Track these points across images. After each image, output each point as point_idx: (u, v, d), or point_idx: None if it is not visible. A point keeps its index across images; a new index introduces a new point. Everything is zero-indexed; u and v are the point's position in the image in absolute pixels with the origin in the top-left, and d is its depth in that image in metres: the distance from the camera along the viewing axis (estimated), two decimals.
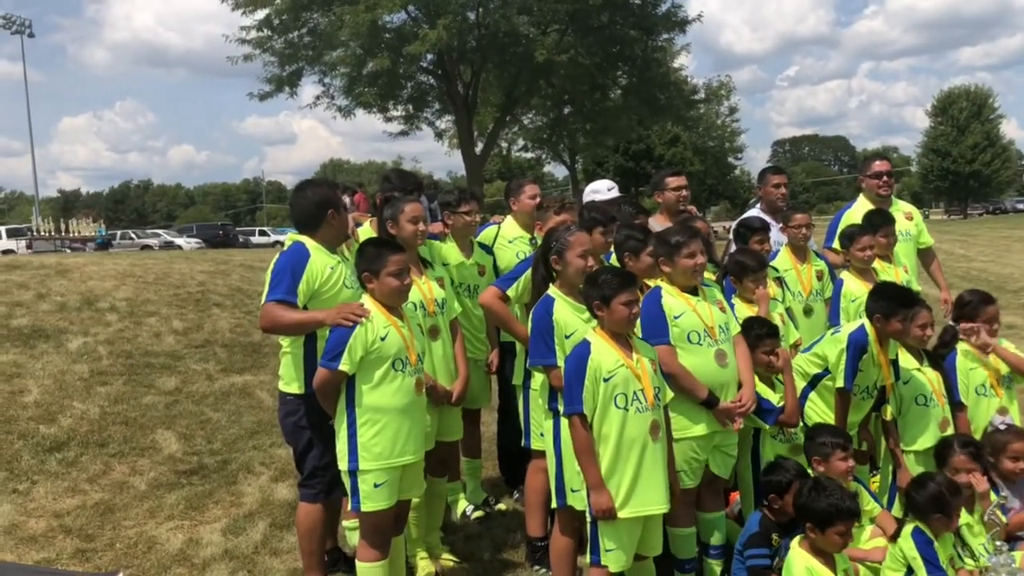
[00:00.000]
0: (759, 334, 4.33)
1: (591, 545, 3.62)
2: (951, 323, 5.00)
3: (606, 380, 3.56)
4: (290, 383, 4.17)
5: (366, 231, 4.93)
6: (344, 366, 3.67)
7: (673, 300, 4.04)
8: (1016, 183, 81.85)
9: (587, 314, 3.88)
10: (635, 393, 3.58)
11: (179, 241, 44.15)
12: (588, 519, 3.62)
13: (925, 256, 6.26)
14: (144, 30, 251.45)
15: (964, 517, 4.04)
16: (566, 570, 3.92)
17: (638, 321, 3.78)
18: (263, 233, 54.27)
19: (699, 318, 4.03)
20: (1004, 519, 3.99)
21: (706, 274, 4.33)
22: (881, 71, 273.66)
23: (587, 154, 49.20)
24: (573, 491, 3.71)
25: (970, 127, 67.04)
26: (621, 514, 3.54)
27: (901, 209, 6.09)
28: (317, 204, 4.17)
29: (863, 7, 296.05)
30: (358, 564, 3.86)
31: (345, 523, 4.78)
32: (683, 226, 4.25)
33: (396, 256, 3.87)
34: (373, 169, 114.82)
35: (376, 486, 3.73)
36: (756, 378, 4.25)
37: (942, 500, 3.83)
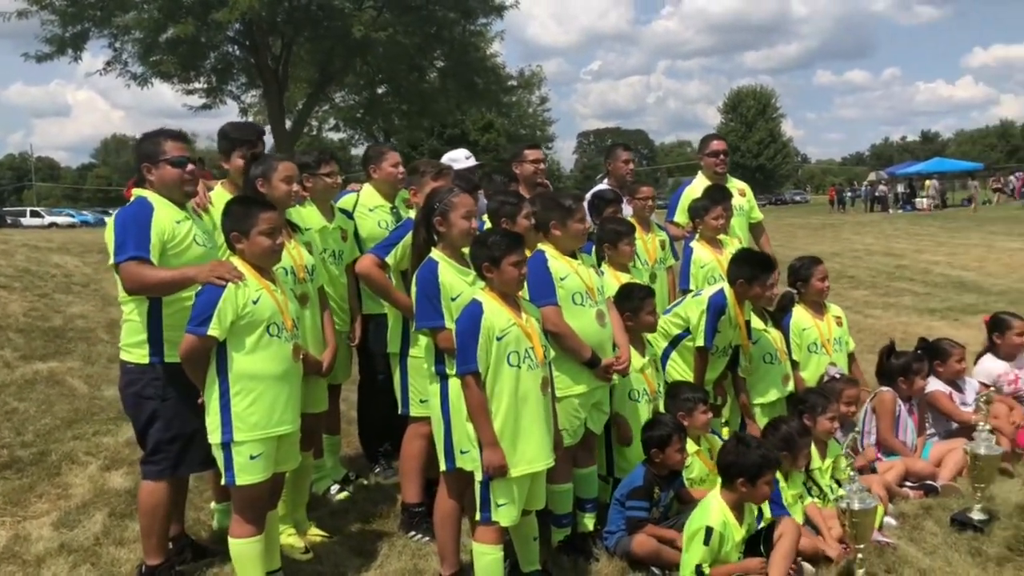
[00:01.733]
0: (641, 296, 4.51)
1: (481, 503, 3.61)
2: (788, 289, 5.44)
3: (499, 339, 3.55)
4: (131, 351, 3.87)
5: (220, 195, 4.60)
6: (214, 331, 3.43)
7: (558, 263, 4.11)
8: (793, 177, 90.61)
9: (471, 276, 3.86)
10: (526, 351, 3.59)
11: None
12: (478, 478, 3.60)
13: (756, 229, 6.75)
14: None
15: (816, 461, 4.44)
16: (450, 533, 3.89)
17: (524, 283, 3.79)
18: (36, 214, 48.72)
19: (581, 280, 4.12)
20: (853, 456, 4.42)
21: None
22: (677, 69, 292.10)
23: (402, 136, 48.69)
24: (462, 452, 3.68)
25: (756, 124, 73.58)
26: (514, 471, 3.55)
27: (735, 186, 6.52)
28: (137, 158, 3.98)
29: (660, 7, 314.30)
30: (231, 541, 3.63)
31: (214, 505, 4.47)
32: (571, 192, 4.34)
33: (267, 214, 3.66)
34: None
35: (252, 458, 3.53)
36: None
37: (791, 440, 4.23)
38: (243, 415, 3.50)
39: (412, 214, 4.44)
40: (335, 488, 5.22)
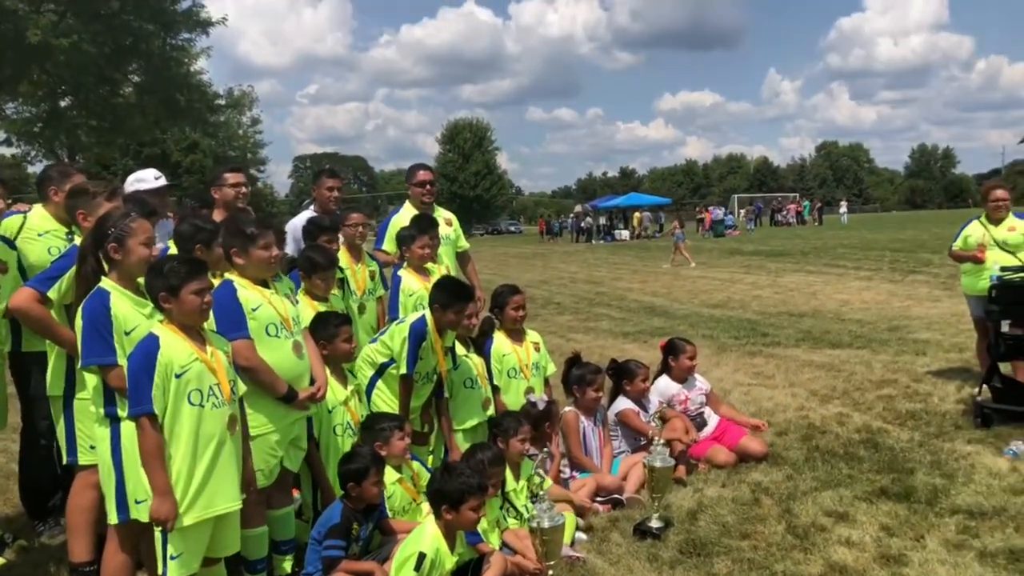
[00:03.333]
0: (336, 323, 4.40)
1: (162, 556, 3.27)
2: (488, 314, 5.62)
3: (178, 376, 3.25)
4: None
5: None
6: None
7: (248, 292, 3.86)
8: (508, 208, 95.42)
9: (149, 308, 3.52)
10: (211, 388, 3.33)
11: None
12: (157, 529, 3.26)
13: (462, 258, 6.91)
14: None
15: (510, 483, 4.57)
16: None
17: (210, 313, 3.52)
18: None
19: (275, 310, 3.91)
20: (544, 474, 4.62)
21: None
22: (396, 98, 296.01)
23: (91, 154, 44.21)
24: (137, 502, 3.31)
25: (473, 155, 76.65)
26: (189, 518, 3.26)
27: (442, 215, 6.62)
28: None
29: (379, 35, 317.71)
30: None
31: None
32: (257, 218, 4.10)
33: None
34: None
35: None
36: (327, 371, 4.29)
37: (482, 468, 4.22)
38: None
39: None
40: None
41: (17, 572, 4.38)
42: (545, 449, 4.74)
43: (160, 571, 3.28)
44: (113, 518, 3.39)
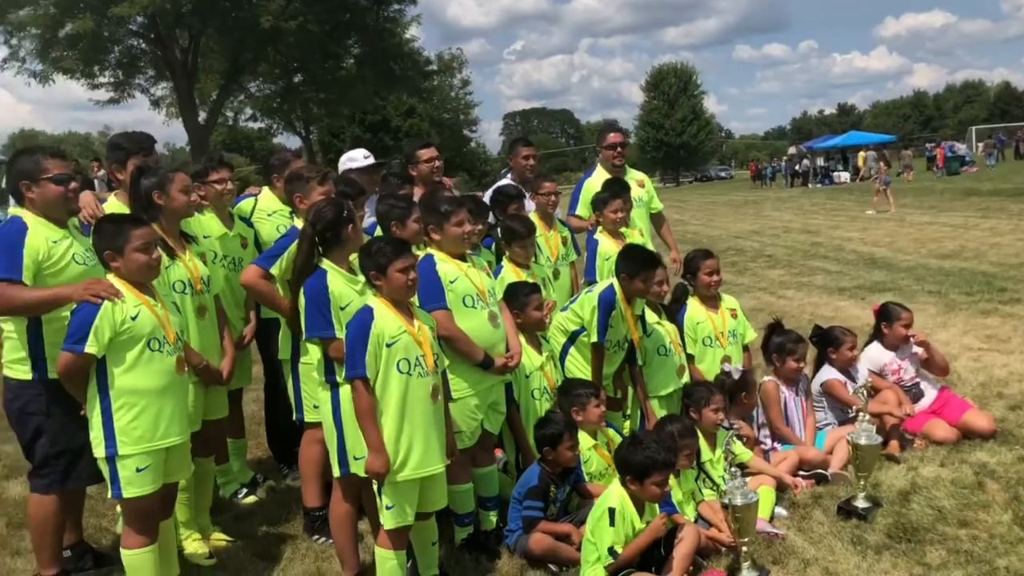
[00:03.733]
0: (526, 292, 4.57)
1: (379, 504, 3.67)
2: (682, 280, 5.57)
3: (388, 346, 3.57)
4: (12, 367, 3.84)
5: (113, 206, 4.50)
6: (91, 348, 3.38)
7: (446, 266, 4.13)
8: (717, 153, 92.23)
9: (360, 284, 3.87)
10: (417, 359, 3.62)
11: None
12: (370, 479, 3.64)
13: (656, 219, 6.88)
14: None
15: (706, 453, 4.57)
16: (347, 536, 3.92)
17: (416, 289, 3.81)
18: None
19: (471, 283, 4.15)
20: (736, 450, 4.55)
21: None
22: (599, 47, 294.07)
23: (322, 124, 47.94)
24: (356, 459, 3.69)
25: (679, 101, 74.33)
26: (402, 475, 3.59)
27: (634, 177, 6.62)
28: (14, 177, 3.88)
29: None
30: (123, 552, 3.60)
31: (119, 510, 4.40)
32: (450, 195, 4.34)
33: (140, 230, 3.61)
34: (75, 140, 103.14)
35: (139, 470, 3.50)
36: (522, 338, 4.50)
37: (672, 441, 4.22)
38: (126, 429, 3.45)
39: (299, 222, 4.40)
40: (242, 492, 5.20)
41: (265, 510, 5.00)
42: (734, 424, 4.66)
43: (380, 519, 3.66)
44: (336, 472, 3.81)
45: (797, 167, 47.18)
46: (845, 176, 44.29)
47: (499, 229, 5.09)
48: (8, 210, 3.89)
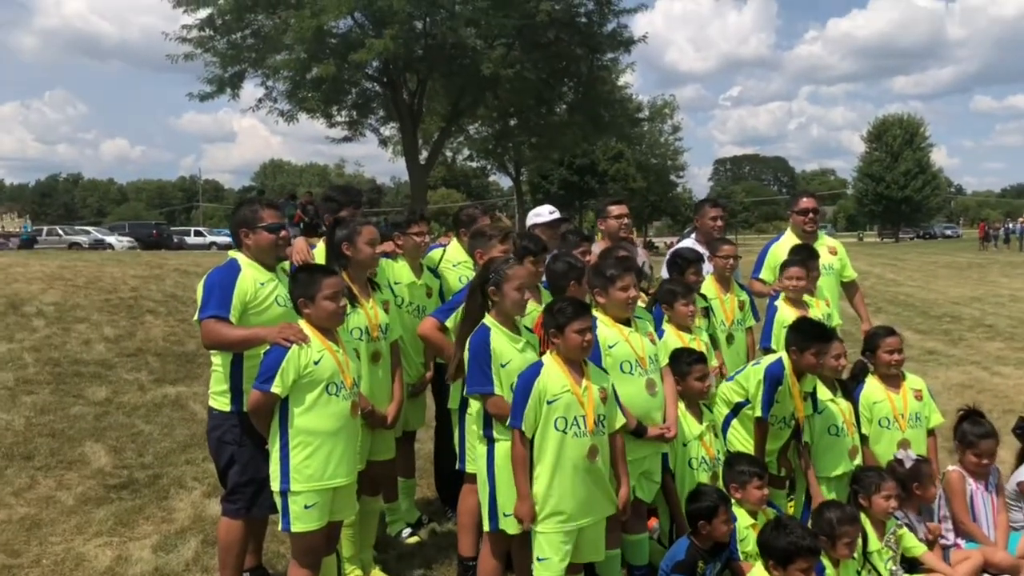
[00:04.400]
0: (689, 361, 4.55)
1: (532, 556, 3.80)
2: (861, 358, 5.28)
3: (549, 403, 3.72)
4: (216, 399, 4.27)
5: (321, 252, 4.99)
6: (276, 388, 3.73)
7: (607, 330, 4.21)
8: (945, 209, 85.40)
9: (522, 343, 4.03)
10: (576, 418, 3.74)
11: (110, 239, 42.41)
12: (514, 534, 3.79)
13: (849, 288, 6.56)
14: (76, 17, 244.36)
15: (873, 543, 4.29)
16: None
17: (590, 350, 3.91)
18: (199, 234, 52.50)
19: (631, 348, 4.21)
20: (907, 543, 4.23)
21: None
22: (820, 95, 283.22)
23: (532, 166, 49.59)
24: (505, 515, 3.83)
25: (903, 154, 69.77)
26: (549, 525, 3.72)
27: (825, 244, 6.37)
28: (235, 223, 4.35)
29: (803, 32, 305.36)
30: None
31: None
32: (617, 259, 4.42)
33: (330, 280, 3.94)
34: (314, 171, 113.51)
35: (307, 507, 3.79)
36: (682, 406, 4.47)
37: (831, 527, 4.05)
38: (299, 467, 3.78)
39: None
40: (407, 531, 5.46)
41: (425, 552, 5.23)
42: (902, 517, 4.34)
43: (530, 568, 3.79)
44: (486, 526, 3.97)
45: None
46: None
47: (659, 291, 5.09)
48: (229, 253, 4.41)
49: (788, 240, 6.27)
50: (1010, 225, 49.73)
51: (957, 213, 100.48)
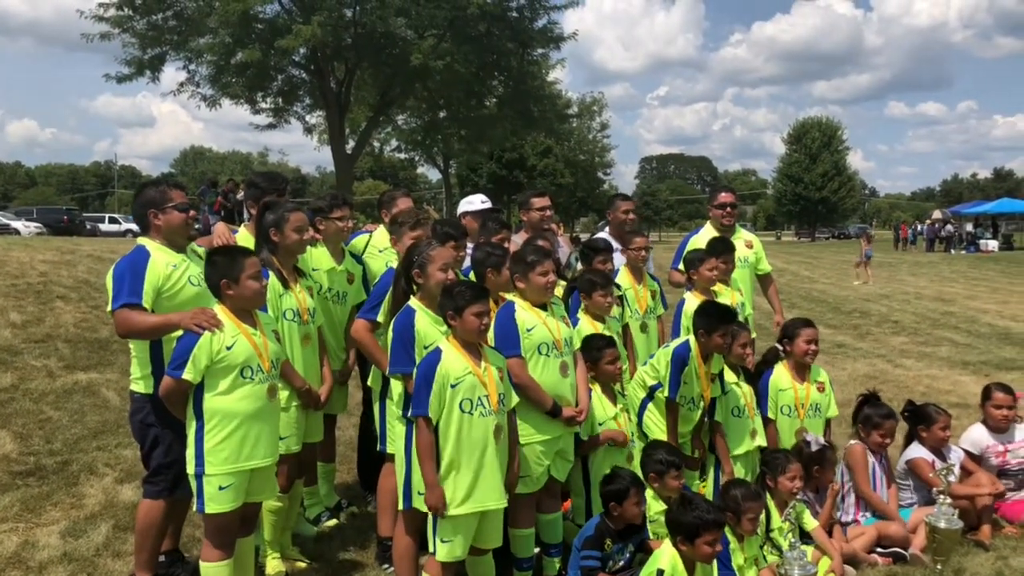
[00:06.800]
0: (599, 346, 4.66)
1: (431, 538, 3.83)
2: (776, 345, 5.50)
3: (453, 386, 3.77)
4: (137, 382, 4.23)
5: (243, 237, 4.94)
6: (188, 375, 3.71)
7: (526, 314, 4.29)
8: (859, 211, 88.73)
9: (444, 327, 4.07)
10: (480, 398, 3.81)
11: (16, 225, 40.16)
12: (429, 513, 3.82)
13: (764, 281, 6.82)
14: None
15: (775, 521, 4.49)
16: (408, 567, 4.11)
17: (490, 331, 3.99)
18: (114, 220, 50.09)
19: (548, 331, 4.30)
20: (800, 518, 4.45)
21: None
22: (744, 97, 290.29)
23: (461, 159, 49.56)
24: (419, 494, 3.88)
25: (821, 156, 72.07)
26: (459, 510, 3.76)
27: (743, 237, 6.60)
28: (141, 205, 4.27)
29: (729, 34, 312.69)
30: (201, 564, 3.88)
31: None
32: (537, 247, 4.50)
33: (251, 259, 3.93)
34: (236, 159, 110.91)
35: (221, 488, 3.78)
36: (597, 389, 4.61)
37: (736, 504, 4.24)
38: (213, 450, 3.76)
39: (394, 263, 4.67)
40: (325, 515, 5.46)
41: (344, 535, 5.25)
42: (801, 496, 4.56)
43: (431, 550, 3.83)
44: (400, 504, 4.01)
45: (942, 232, 44.81)
46: (993, 244, 41.69)
47: (579, 280, 5.21)
48: (137, 240, 4.33)
49: (707, 233, 6.47)
50: (918, 226, 51.94)
51: (870, 214, 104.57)
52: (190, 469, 3.81)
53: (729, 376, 5.07)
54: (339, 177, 32.38)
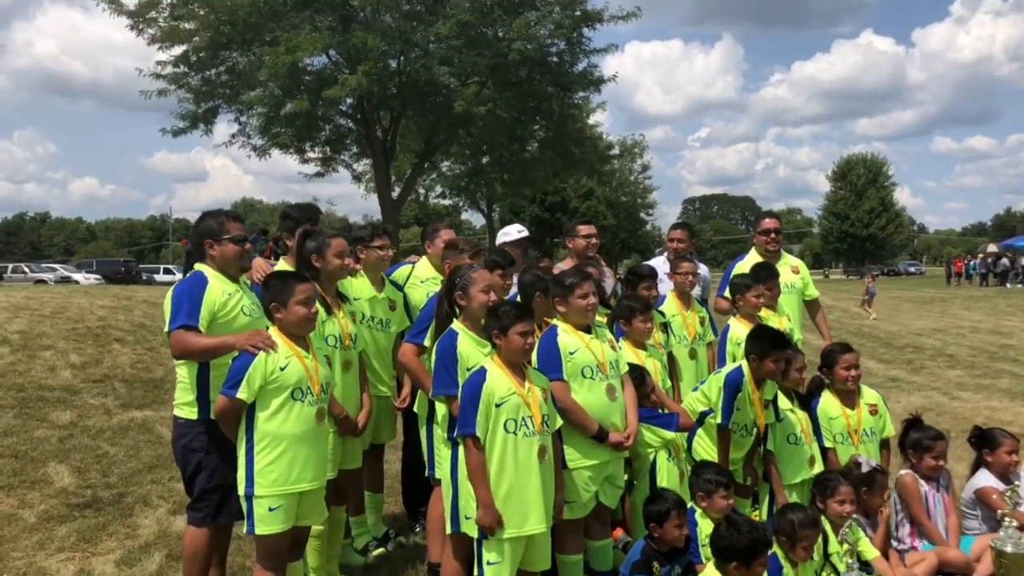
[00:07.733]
0: (637, 378, 4.62)
1: (476, 562, 3.80)
2: (818, 373, 5.40)
3: (498, 406, 3.78)
4: (182, 408, 4.28)
5: (283, 267, 5.04)
6: (242, 394, 3.77)
7: (568, 337, 4.30)
8: (908, 247, 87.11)
9: (488, 348, 4.10)
10: (524, 419, 3.81)
11: (77, 276, 41.66)
12: (476, 537, 3.79)
13: (811, 307, 6.74)
14: (47, 57, 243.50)
15: (833, 545, 4.36)
16: None
17: (534, 353, 4.01)
18: (168, 271, 51.78)
19: (592, 354, 4.29)
20: (861, 547, 4.32)
21: (597, 317, 4.60)
22: (786, 136, 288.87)
23: (504, 203, 49.94)
24: (467, 518, 3.87)
25: (867, 193, 71.16)
26: (504, 533, 3.73)
27: (788, 263, 6.56)
28: (199, 234, 4.38)
29: (769, 75, 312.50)
30: None
31: None
32: (577, 269, 4.53)
33: (303, 285, 4.01)
34: None
35: (271, 510, 3.82)
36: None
37: (792, 530, 4.11)
38: (264, 471, 3.81)
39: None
40: (372, 544, 5.46)
41: (391, 564, 5.24)
42: (854, 517, 4.43)
43: (476, 574, 3.81)
44: (448, 528, 4.00)
45: (996, 266, 43.65)
46: None
47: (618, 306, 5.20)
48: (195, 266, 4.44)
49: (751, 259, 6.44)
50: (971, 261, 50.74)
51: (920, 251, 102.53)
52: (241, 490, 3.86)
53: (783, 403, 4.98)
54: (385, 223, 32.83)
